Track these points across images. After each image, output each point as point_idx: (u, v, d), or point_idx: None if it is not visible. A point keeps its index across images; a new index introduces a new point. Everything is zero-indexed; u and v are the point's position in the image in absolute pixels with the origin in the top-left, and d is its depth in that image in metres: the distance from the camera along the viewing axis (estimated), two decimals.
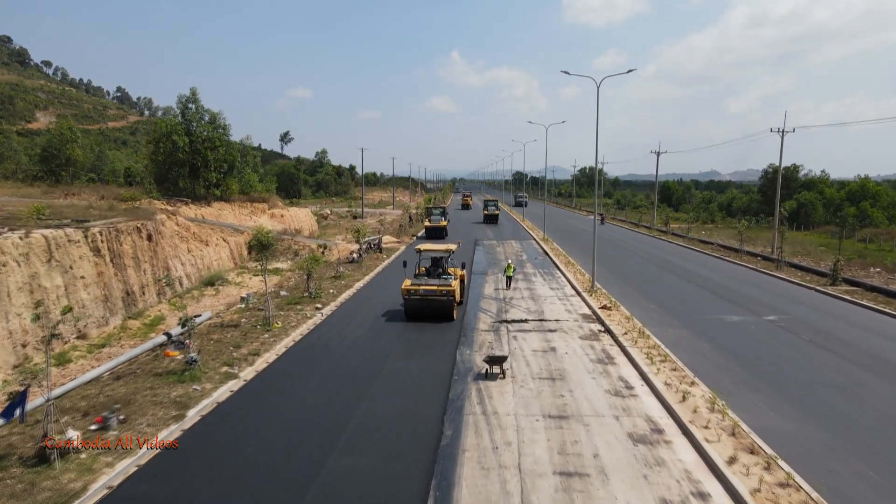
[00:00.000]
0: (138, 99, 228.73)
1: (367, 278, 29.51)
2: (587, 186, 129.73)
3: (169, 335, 17.95)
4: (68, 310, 14.11)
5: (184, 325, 16.70)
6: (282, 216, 51.46)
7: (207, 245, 33.54)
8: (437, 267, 22.46)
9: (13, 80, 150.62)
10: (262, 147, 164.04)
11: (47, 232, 19.51)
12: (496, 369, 15.09)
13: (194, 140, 44.64)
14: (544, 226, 53.57)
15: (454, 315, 21.00)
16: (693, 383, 14.39)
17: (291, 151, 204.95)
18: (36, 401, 12.42)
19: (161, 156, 43.89)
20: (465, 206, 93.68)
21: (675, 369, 15.43)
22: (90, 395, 13.86)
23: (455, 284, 20.98)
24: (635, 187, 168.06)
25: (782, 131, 41.27)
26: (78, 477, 9.91)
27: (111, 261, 22.41)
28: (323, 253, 36.43)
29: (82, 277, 20.26)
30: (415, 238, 47.94)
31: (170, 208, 35.02)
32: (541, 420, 12.42)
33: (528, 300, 24.62)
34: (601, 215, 68.83)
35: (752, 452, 10.77)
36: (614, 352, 17.41)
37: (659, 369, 15.28)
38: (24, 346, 16.75)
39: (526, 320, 21.09)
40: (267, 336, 18.65)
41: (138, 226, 25.52)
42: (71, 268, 19.81)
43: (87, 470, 10.15)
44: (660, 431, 11.93)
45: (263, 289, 23.90)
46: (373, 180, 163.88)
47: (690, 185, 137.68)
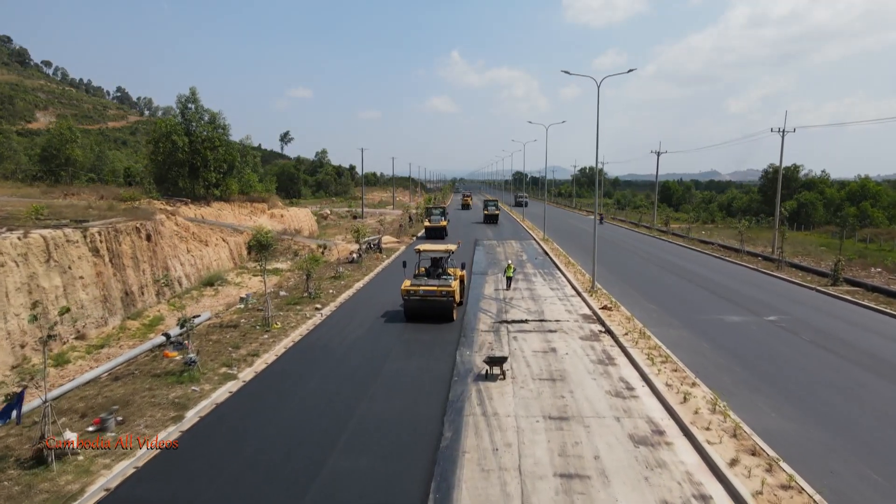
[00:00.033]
0: (138, 99, 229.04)
1: (366, 279, 29.46)
2: (587, 186, 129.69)
3: (168, 336, 17.88)
4: (66, 310, 14.07)
5: (182, 325, 16.65)
6: (281, 216, 51.42)
7: (207, 245, 33.49)
8: (436, 267, 22.40)
9: (13, 80, 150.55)
10: (262, 147, 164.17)
11: (46, 232, 19.45)
12: (496, 370, 15.03)
13: (194, 140, 44.64)
14: (544, 226, 53.52)
15: (454, 315, 20.94)
16: (694, 384, 14.34)
17: (291, 151, 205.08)
18: (33, 402, 12.37)
19: (161, 156, 43.88)
20: (465, 207, 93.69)
21: (675, 370, 15.38)
22: (88, 396, 13.80)
23: (455, 285, 20.92)
24: (635, 187, 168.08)
25: (782, 131, 41.24)
26: (75, 479, 9.86)
27: (110, 261, 22.35)
28: (322, 253, 36.38)
29: (81, 278, 20.20)
30: (415, 238, 47.87)
31: (169, 208, 34.97)
32: (541, 421, 12.37)
33: (528, 300, 24.56)
34: (601, 215, 68.79)
35: (753, 454, 10.72)
36: (615, 352, 17.35)
37: (660, 370, 15.23)
38: (22, 346, 16.69)
39: (526, 321, 21.03)
40: (266, 337, 18.59)
41: (137, 226, 25.46)
42: (69, 268, 19.75)
43: (85, 472, 10.09)
44: (661, 433, 11.88)
45: (263, 289, 23.85)
46: (373, 180, 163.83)
47: (690, 185, 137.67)
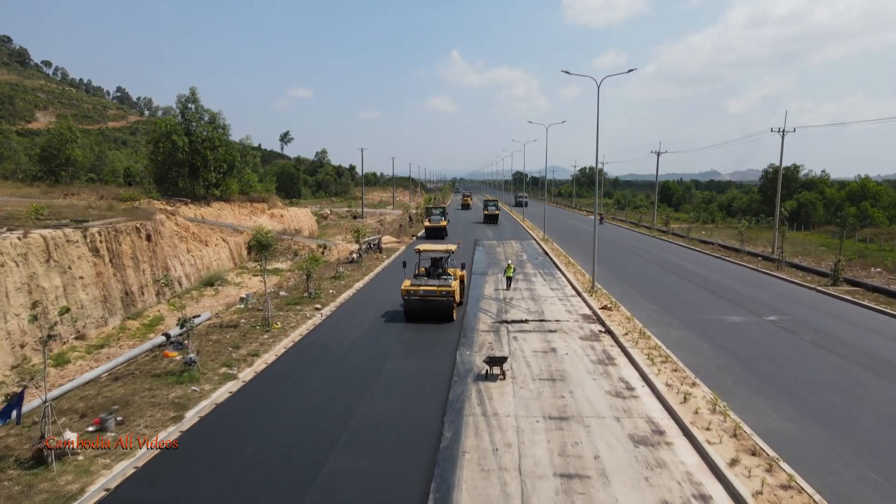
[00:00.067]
0: (138, 99, 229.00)
1: (366, 279, 29.45)
2: (587, 186, 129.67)
3: (168, 336, 17.88)
4: (66, 310, 14.07)
5: (182, 325, 16.64)
6: (281, 216, 51.41)
7: (207, 245, 33.49)
8: (436, 267, 22.39)
9: (13, 80, 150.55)
10: (262, 147, 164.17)
11: (46, 232, 19.45)
12: (496, 370, 15.02)
13: (194, 140, 44.63)
14: (544, 226, 53.51)
15: (454, 316, 20.94)
16: (694, 384, 14.33)
17: (291, 151, 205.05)
18: (33, 402, 12.37)
19: (160, 156, 43.87)
20: (465, 207, 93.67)
21: (675, 370, 15.38)
22: (88, 396, 13.80)
23: (455, 285, 20.91)
24: (635, 187, 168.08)
25: (782, 131, 41.24)
26: (75, 479, 9.85)
27: (110, 261, 22.35)
28: (322, 253, 36.38)
29: (81, 278, 20.20)
30: (414, 238, 47.87)
31: (169, 208, 34.97)
32: (541, 421, 12.36)
33: (528, 300, 24.56)
34: (601, 215, 68.81)
35: (753, 454, 10.71)
36: (615, 352, 17.35)
37: (660, 370, 15.22)
38: (22, 346, 16.69)
39: (526, 321, 21.02)
40: (266, 337, 18.58)
41: (137, 226, 25.46)
42: (69, 268, 19.75)
43: (85, 472, 10.09)
44: (661, 433, 11.88)
45: (263, 289, 23.84)
46: (373, 180, 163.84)
47: (690, 185, 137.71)
